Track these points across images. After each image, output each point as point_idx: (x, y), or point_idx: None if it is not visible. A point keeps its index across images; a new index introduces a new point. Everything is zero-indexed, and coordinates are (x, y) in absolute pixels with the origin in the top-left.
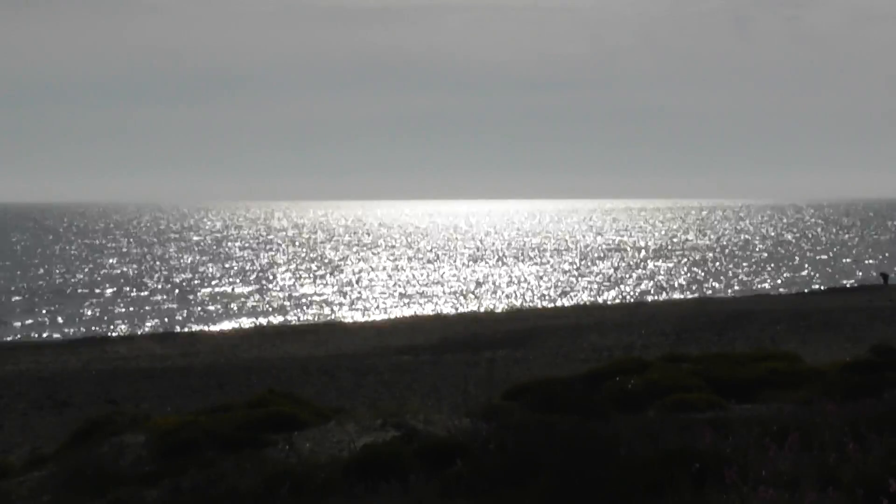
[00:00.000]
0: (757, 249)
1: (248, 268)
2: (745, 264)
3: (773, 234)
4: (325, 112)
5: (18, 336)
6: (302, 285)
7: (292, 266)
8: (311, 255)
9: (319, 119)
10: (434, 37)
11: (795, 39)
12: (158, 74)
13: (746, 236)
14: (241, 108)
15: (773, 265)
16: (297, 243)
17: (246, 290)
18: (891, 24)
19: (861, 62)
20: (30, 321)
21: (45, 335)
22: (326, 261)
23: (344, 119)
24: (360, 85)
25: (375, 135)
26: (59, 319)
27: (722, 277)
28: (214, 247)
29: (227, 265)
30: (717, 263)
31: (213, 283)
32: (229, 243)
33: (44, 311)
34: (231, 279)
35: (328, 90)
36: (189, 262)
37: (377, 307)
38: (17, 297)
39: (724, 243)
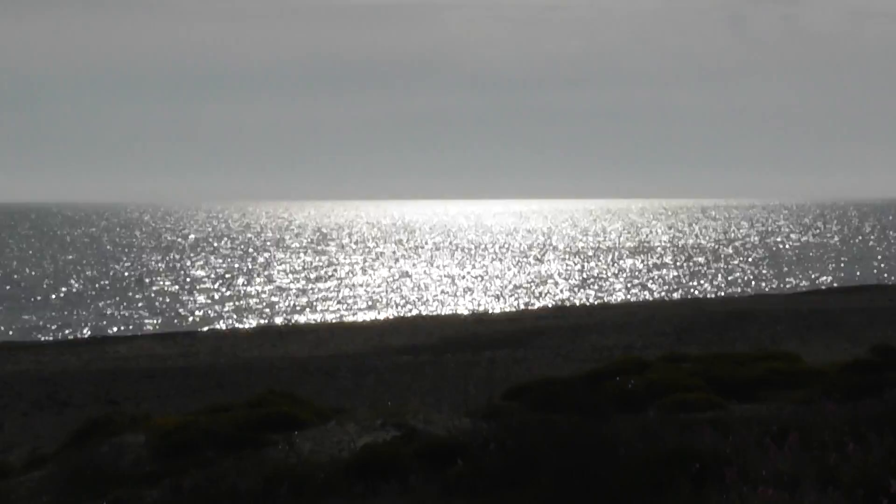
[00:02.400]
0: (755, 249)
1: (247, 268)
2: (744, 264)
3: (770, 233)
4: (324, 112)
5: (18, 336)
6: (302, 285)
7: (292, 266)
8: (311, 254)
9: (318, 119)
10: (429, 36)
11: (791, 37)
12: (159, 73)
13: (743, 236)
14: (240, 108)
15: (772, 265)
16: (296, 243)
17: (246, 290)
18: (887, 22)
19: (858, 60)
20: (30, 321)
21: (45, 335)
22: (326, 260)
23: (343, 119)
24: (357, 85)
25: (374, 135)
26: (59, 319)
27: (722, 277)
28: (214, 247)
29: (226, 265)
30: (717, 263)
31: (213, 283)
32: (229, 243)
33: (44, 312)
34: (231, 279)
35: (327, 90)
36: (189, 262)
37: (377, 307)
38: (17, 297)
39: (722, 243)
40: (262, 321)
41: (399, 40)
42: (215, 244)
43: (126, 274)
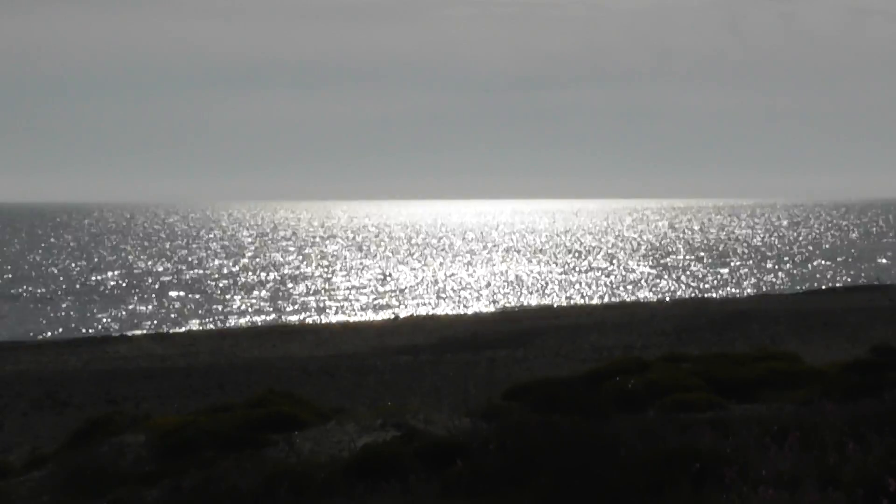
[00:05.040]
0: (753, 249)
1: (248, 268)
2: (744, 264)
3: (768, 233)
4: (324, 112)
5: (18, 336)
6: (302, 285)
7: (293, 266)
8: (312, 255)
9: (318, 119)
10: (424, 33)
11: (789, 36)
12: (159, 72)
13: (742, 235)
14: (239, 107)
15: (772, 265)
16: (297, 243)
17: (246, 289)
18: (885, 20)
19: (856, 59)
20: (30, 321)
21: (45, 335)
22: (327, 261)
23: (343, 119)
24: (353, 84)
25: (374, 135)
26: (59, 319)
27: (722, 277)
28: (214, 247)
29: (227, 265)
30: (716, 263)
31: (214, 283)
32: (230, 243)
33: (44, 311)
34: (231, 279)
35: (324, 90)
36: (189, 262)
37: (377, 307)
38: (17, 297)
39: (721, 243)
40: (262, 321)
41: (395, 38)
42: (216, 244)
43: (126, 274)
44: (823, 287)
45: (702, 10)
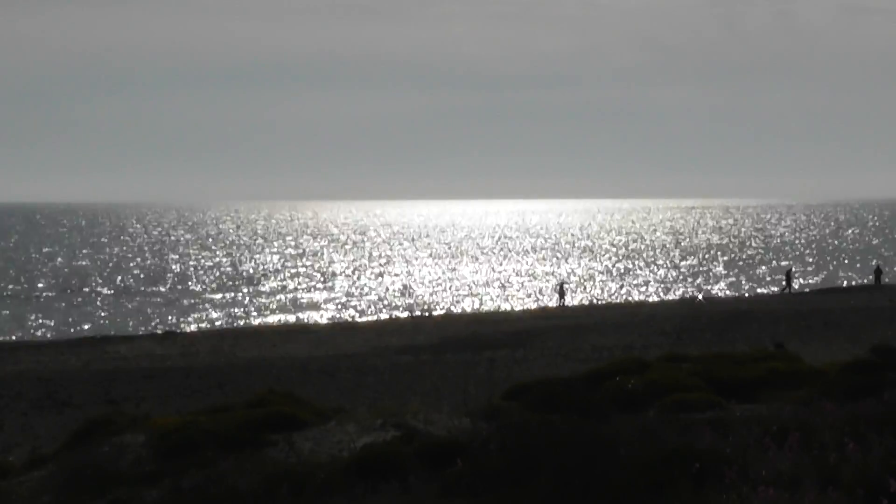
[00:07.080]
0: (753, 249)
1: (248, 268)
2: (743, 264)
3: (765, 233)
4: (322, 112)
5: (18, 336)
6: (302, 286)
7: (292, 266)
8: (311, 254)
9: (318, 118)
10: (420, 33)
11: (785, 34)
12: (157, 71)
13: (741, 236)
14: (238, 107)
15: (770, 265)
16: (297, 243)
17: (246, 290)
18: (882, 18)
19: (853, 57)
20: (30, 321)
21: (45, 335)
22: (326, 261)
23: (342, 118)
24: (348, 84)
25: (373, 135)
26: (59, 319)
27: (722, 277)
28: (214, 247)
29: (227, 265)
30: (715, 264)
31: (214, 283)
32: (229, 243)
33: (44, 311)
34: (231, 279)
35: (325, 89)
36: (189, 262)
37: (377, 307)
38: (17, 297)
39: (720, 243)
40: (262, 321)
41: (388, 36)
42: (216, 244)
43: (126, 274)
44: (823, 287)
45: (699, 7)
